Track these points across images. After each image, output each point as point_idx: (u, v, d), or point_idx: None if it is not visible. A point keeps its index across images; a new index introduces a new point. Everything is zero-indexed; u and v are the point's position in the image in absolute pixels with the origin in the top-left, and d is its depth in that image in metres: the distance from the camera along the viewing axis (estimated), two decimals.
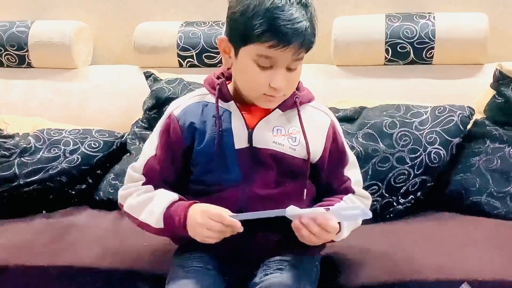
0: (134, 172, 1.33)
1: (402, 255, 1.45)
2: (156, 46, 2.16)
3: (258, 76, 1.20)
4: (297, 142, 1.28)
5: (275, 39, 1.15)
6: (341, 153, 1.35)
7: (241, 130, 1.27)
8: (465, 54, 2.04)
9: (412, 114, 1.79)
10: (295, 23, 1.15)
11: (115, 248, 1.55)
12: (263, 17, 1.15)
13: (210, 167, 1.28)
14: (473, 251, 1.46)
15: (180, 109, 1.32)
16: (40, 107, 2.18)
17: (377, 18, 2.06)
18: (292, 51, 1.17)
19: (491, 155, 1.75)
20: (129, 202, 1.31)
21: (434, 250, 1.47)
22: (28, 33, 2.20)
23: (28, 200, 1.80)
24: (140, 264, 1.47)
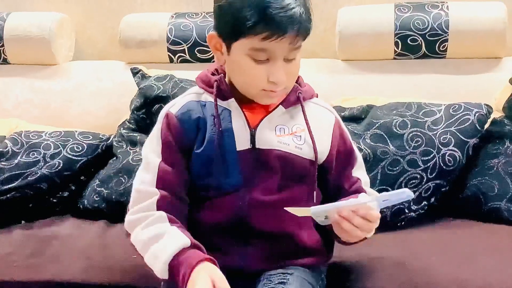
0: (144, 186, 1.26)
1: (415, 266, 1.46)
2: (144, 40, 2.16)
3: (254, 71, 1.20)
4: (302, 140, 1.28)
5: (269, 29, 1.14)
6: (349, 152, 1.35)
7: (242, 130, 1.26)
8: (481, 47, 2.05)
9: (424, 113, 1.79)
10: (288, 10, 1.14)
11: (101, 262, 1.55)
12: (253, 7, 1.14)
13: (208, 170, 1.27)
14: (492, 262, 1.47)
15: (177, 107, 1.31)
16: (17, 107, 2.18)
17: (386, 8, 2.07)
18: (288, 40, 1.16)
19: (511, 157, 1.76)
20: (136, 234, 1.23)
21: (450, 261, 1.48)
22: (3, 26, 2.20)
23: (5, 209, 1.80)
24: (129, 279, 1.48)
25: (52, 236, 1.70)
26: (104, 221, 1.78)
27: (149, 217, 1.22)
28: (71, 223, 1.80)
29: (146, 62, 2.13)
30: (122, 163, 1.86)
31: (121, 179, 1.82)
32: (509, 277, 1.39)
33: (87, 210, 1.83)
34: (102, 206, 1.81)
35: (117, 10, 2.25)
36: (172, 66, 2.16)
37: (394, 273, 1.43)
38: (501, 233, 1.63)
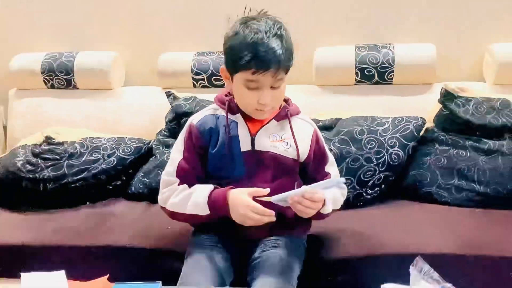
0: (168, 177, 1.30)
1: (370, 234, 1.47)
2: (175, 71, 2.15)
3: (248, 96, 1.22)
4: (289, 145, 1.30)
5: (256, 67, 1.16)
6: (322, 153, 1.37)
7: (245, 136, 1.28)
8: (418, 76, 2.04)
9: (377, 124, 1.80)
10: (270, 52, 1.16)
11: (144, 231, 1.55)
12: (246, 50, 1.16)
13: (221, 165, 1.29)
14: (425, 230, 1.48)
15: (197, 119, 1.33)
16: (84, 120, 2.17)
17: (349, 48, 2.06)
18: (271, 74, 1.17)
19: (439, 155, 1.76)
20: (171, 202, 1.27)
21: (395, 230, 1.49)
22: (73, 62, 2.19)
23: (75, 193, 1.80)
24: (163, 243, 1.48)
25: (109, 213, 1.71)
26: (146, 202, 1.78)
27: (176, 190, 1.28)
28: (123, 204, 1.80)
29: (176, 88, 2.12)
30: (159, 160, 1.86)
31: (158, 172, 1.81)
32: (437, 240, 1.41)
33: (134, 194, 1.83)
34: (145, 191, 1.81)
35: (156, 50, 2.25)
36: (195, 90, 2.15)
37: (355, 239, 1.45)
38: (432, 210, 1.64)
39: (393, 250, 1.38)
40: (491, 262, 1.35)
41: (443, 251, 1.36)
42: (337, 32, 2.17)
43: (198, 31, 2.24)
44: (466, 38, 2.11)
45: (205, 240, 1.31)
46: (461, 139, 1.77)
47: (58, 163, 1.83)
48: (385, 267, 1.33)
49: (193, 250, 1.29)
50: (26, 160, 1.83)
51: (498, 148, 1.71)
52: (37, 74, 2.20)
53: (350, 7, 2.14)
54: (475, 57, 2.12)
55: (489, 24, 2.08)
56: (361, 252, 1.38)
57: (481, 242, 1.40)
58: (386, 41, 2.12)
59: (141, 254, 1.48)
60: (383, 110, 1.94)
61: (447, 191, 1.68)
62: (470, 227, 1.49)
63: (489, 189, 1.64)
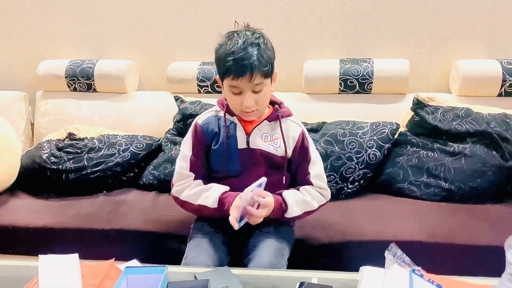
0: (183, 170, 1.29)
1: (350, 223, 1.47)
2: (182, 78, 2.14)
3: (233, 100, 1.22)
4: (278, 145, 1.28)
5: (232, 73, 1.15)
6: (305, 153, 1.32)
7: (241, 136, 1.27)
8: (393, 87, 2.04)
9: (357, 127, 1.79)
10: (244, 60, 1.14)
11: (153, 217, 1.55)
12: (224, 61, 1.16)
13: (220, 161, 1.28)
14: (398, 220, 1.48)
15: (201, 120, 1.32)
16: (101, 119, 2.16)
17: (334, 62, 2.06)
18: (247, 79, 1.15)
19: (410, 155, 1.76)
20: (186, 193, 1.27)
21: (372, 219, 1.49)
22: (94, 68, 2.18)
23: (93, 183, 1.78)
24: (170, 228, 1.48)
25: (122, 201, 1.70)
26: (155, 192, 1.77)
27: (192, 184, 1.27)
28: (135, 193, 1.79)
29: (183, 92, 2.12)
30: (167, 155, 1.85)
31: (167, 166, 1.80)
32: (409, 228, 1.42)
33: (145, 185, 1.82)
34: (154, 183, 1.80)
35: (166, 59, 2.24)
36: (200, 95, 2.14)
37: (337, 227, 1.45)
38: (404, 203, 1.64)
39: (370, 237, 1.38)
40: (455, 248, 1.35)
41: (414, 238, 1.36)
42: (324, 48, 2.17)
43: (203, 44, 2.23)
44: (435, 55, 2.12)
45: (206, 227, 1.30)
46: (430, 142, 1.77)
47: (79, 156, 1.81)
48: (363, 252, 1.34)
49: (195, 234, 1.29)
50: (50, 153, 1.81)
51: (462, 150, 1.71)
52: (62, 78, 2.19)
53: (335, 26, 2.14)
54: (443, 71, 2.13)
55: (455, 44, 2.09)
56: (342, 238, 1.38)
57: (446, 231, 1.40)
58: (367, 56, 2.12)
59: (150, 236, 1.47)
60: (363, 115, 1.94)
61: (417, 187, 1.68)
62: (436, 218, 1.49)
63: (454, 186, 1.64)
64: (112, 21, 2.27)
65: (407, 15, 2.09)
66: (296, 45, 2.16)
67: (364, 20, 2.12)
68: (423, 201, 1.63)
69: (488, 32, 2.06)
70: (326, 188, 1.33)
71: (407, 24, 2.10)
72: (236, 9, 2.15)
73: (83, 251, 1.10)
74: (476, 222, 1.45)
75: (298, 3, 2.13)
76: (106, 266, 1.01)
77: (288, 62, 2.17)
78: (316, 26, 2.15)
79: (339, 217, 1.50)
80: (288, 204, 1.23)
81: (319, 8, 2.13)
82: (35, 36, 2.33)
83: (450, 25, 2.07)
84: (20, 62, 2.36)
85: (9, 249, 1.54)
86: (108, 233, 1.50)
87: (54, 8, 2.28)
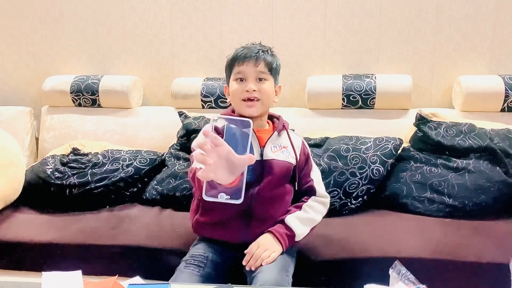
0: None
1: (354, 239, 1.46)
2: (186, 94, 2.16)
3: (238, 89, 1.25)
4: (288, 152, 1.30)
5: (239, 59, 1.24)
6: (307, 160, 1.36)
7: (256, 148, 1.26)
8: (396, 102, 2.04)
9: (360, 143, 1.79)
10: (251, 49, 1.25)
11: (156, 233, 1.54)
12: (235, 52, 1.26)
13: None
14: (402, 237, 1.47)
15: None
16: (106, 134, 2.17)
17: (337, 77, 2.07)
18: (252, 64, 1.23)
19: (414, 171, 1.75)
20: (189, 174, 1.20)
21: (376, 236, 1.48)
22: (98, 84, 2.20)
23: (97, 198, 1.78)
24: (173, 244, 1.47)
25: (126, 216, 1.69)
26: (159, 207, 1.76)
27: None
28: (138, 208, 1.78)
29: (187, 108, 2.13)
30: (171, 170, 1.85)
31: (170, 181, 1.80)
32: (412, 245, 1.40)
33: (148, 200, 1.81)
34: (157, 198, 1.79)
35: (170, 75, 2.26)
36: (203, 110, 2.15)
37: (340, 244, 1.43)
38: (407, 219, 1.63)
39: (374, 253, 1.36)
40: (459, 265, 1.33)
41: (418, 255, 1.35)
42: (327, 63, 2.19)
43: (207, 60, 2.25)
44: (438, 71, 2.13)
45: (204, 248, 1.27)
46: (433, 158, 1.77)
47: (83, 171, 1.82)
48: (367, 268, 1.32)
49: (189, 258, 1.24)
50: (55, 168, 1.82)
51: (465, 166, 1.70)
52: (67, 94, 2.21)
53: (338, 42, 2.16)
54: (446, 87, 2.13)
55: (457, 59, 2.10)
56: (346, 255, 1.37)
57: (451, 247, 1.39)
58: (369, 71, 2.14)
59: (153, 252, 1.46)
60: (366, 131, 1.95)
61: (421, 202, 1.67)
62: (440, 234, 1.48)
63: (457, 201, 1.63)
64: (117, 37, 2.29)
65: (409, 31, 2.10)
66: (299, 60, 2.18)
67: (366, 36, 2.14)
68: (427, 217, 1.62)
69: (490, 48, 2.08)
70: (327, 196, 1.36)
71: (409, 40, 2.11)
72: (240, 25, 2.18)
73: (86, 267, 1.10)
74: (481, 238, 1.44)
75: (301, 19, 2.15)
76: (110, 283, 1.01)
77: (291, 77, 2.19)
78: (319, 42, 2.17)
79: (342, 233, 1.49)
80: (293, 229, 1.23)
81: (322, 24, 2.15)
82: (41, 52, 2.36)
83: (453, 41, 2.09)
84: (26, 77, 2.38)
85: (12, 265, 1.53)
86: (111, 249, 1.49)
87: (60, 25, 2.32)
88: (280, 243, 1.22)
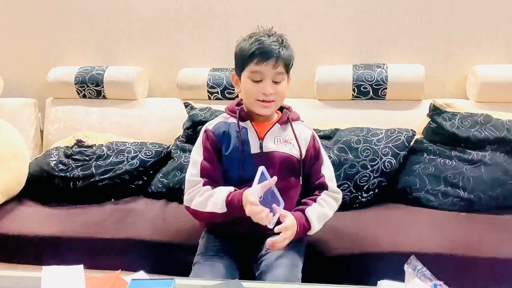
0: (193, 177, 1.24)
1: (365, 234, 1.43)
2: (192, 85, 2.13)
3: (253, 89, 1.22)
4: (292, 145, 1.27)
5: (257, 57, 1.18)
6: (317, 154, 1.32)
7: (254, 140, 1.25)
8: (408, 93, 2.00)
9: (372, 134, 1.75)
10: (271, 46, 1.19)
11: (161, 226, 1.52)
12: (248, 48, 1.20)
13: (233, 166, 1.24)
14: (415, 231, 1.43)
15: (212, 125, 1.30)
16: (111, 126, 2.14)
17: (347, 67, 2.03)
18: (271, 65, 1.18)
19: (427, 163, 1.71)
20: (196, 201, 1.21)
21: (388, 230, 1.44)
22: (103, 75, 2.17)
23: (101, 191, 1.76)
24: (179, 238, 1.45)
25: (131, 209, 1.67)
26: (164, 200, 1.74)
27: (201, 190, 1.22)
28: (143, 201, 1.76)
29: (193, 99, 2.10)
30: (177, 163, 1.82)
31: (176, 173, 1.78)
32: (426, 240, 1.37)
33: (153, 193, 1.79)
34: (163, 191, 1.77)
35: (176, 66, 2.23)
36: (210, 102, 2.12)
37: (352, 239, 1.40)
38: (420, 213, 1.59)
39: (387, 248, 1.33)
40: (476, 261, 1.30)
41: (433, 250, 1.31)
42: (336, 53, 2.14)
43: (213, 50, 2.21)
44: (452, 60, 2.07)
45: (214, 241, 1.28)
46: (447, 150, 1.72)
47: (87, 164, 1.80)
48: (380, 264, 1.29)
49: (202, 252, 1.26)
50: (59, 160, 1.80)
51: (481, 158, 1.65)
52: (71, 85, 2.19)
53: (348, 31, 2.11)
54: (460, 77, 2.08)
55: (472, 48, 2.05)
56: (358, 250, 1.33)
57: (466, 243, 1.35)
58: (380, 61, 2.09)
59: (158, 247, 1.44)
60: (377, 122, 1.90)
61: (435, 196, 1.62)
62: (455, 229, 1.44)
63: (473, 195, 1.58)
64: (121, 28, 2.26)
65: (421, 19, 2.05)
66: (308, 50, 2.14)
67: (377, 25, 2.08)
68: (441, 211, 1.58)
69: (506, 36, 2.01)
70: (339, 191, 1.32)
71: (422, 28, 2.06)
72: (247, 15, 2.14)
73: (89, 260, 1.09)
74: (498, 233, 1.40)
75: (310, 8, 2.10)
76: (112, 278, 0.98)
77: (299, 68, 2.13)
78: (328, 31, 2.12)
79: (353, 228, 1.46)
80: (311, 223, 1.20)
81: (331, 12, 2.10)
82: (45, 43, 2.33)
83: (467, 29, 2.03)
84: (30, 69, 2.37)
85: (15, 258, 1.52)
86: (115, 243, 1.47)
87: (64, 16, 2.29)
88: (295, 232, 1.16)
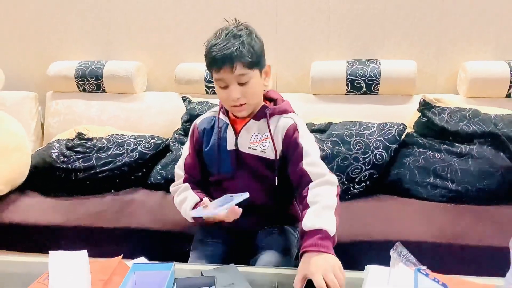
0: (178, 170, 1.29)
1: (357, 223, 1.47)
2: (190, 79, 2.15)
3: (221, 94, 1.16)
4: (266, 146, 1.18)
5: (214, 66, 1.12)
6: (295, 144, 1.16)
7: (231, 136, 1.21)
8: (400, 88, 2.03)
9: (364, 128, 1.79)
10: (223, 51, 1.10)
11: (160, 216, 1.56)
12: (207, 55, 1.14)
13: (212, 162, 1.24)
14: (404, 221, 1.48)
15: (199, 120, 1.30)
16: (110, 120, 2.17)
17: (341, 63, 2.06)
18: (228, 70, 1.10)
19: (417, 156, 1.75)
20: (175, 200, 1.27)
21: (378, 220, 1.49)
22: (103, 69, 2.20)
23: (102, 182, 1.80)
24: (177, 227, 1.48)
25: (130, 200, 1.71)
26: (163, 191, 1.78)
27: (179, 189, 1.26)
28: (143, 192, 1.80)
29: (191, 93, 2.13)
30: (175, 155, 1.86)
31: (174, 165, 1.73)
32: (415, 229, 1.41)
33: (152, 184, 1.83)
34: (162, 182, 1.81)
35: (174, 61, 2.26)
36: (207, 96, 2.15)
37: (343, 227, 1.38)
38: (410, 204, 1.63)
39: (376, 237, 1.38)
40: (461, 249, 1.35)
41: (420, 239, 1.36)
42: (331, 49, 2.17)
43: None
44: (443, 56, 2.11)
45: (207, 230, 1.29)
46: (437, 143, 1.77)
47: (88, 156, 1.83)
48: (370, 252, 1.34)
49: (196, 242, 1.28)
50: (60, 152, 1.83)
51: (469, 152, 1.70)
52: (71, 79, 2.21)
53: (342, 27, 2.14)
54: (450, 72, 2.12)
55: (463, 45, 2.09)
56: (348, 238, 1.37)
57: (452, 232, 1.40)
58: (373, 57, 2.12)
59: (157, 235, 1.48)
60: (370, 116, 1.94)
61: (424, 187, 1.67)
62: (443, 219, 1.49)
63: (460, 187, 1.63)
64: (121, 23, 2.29)
65: (414, 16, 2.08)
66: (303, 46, 2.17)
67: (371, 21, 2.12)
68: (430, 202, 1.62)
69: (496, 33, 2.05)
70: (327, 173, 1.11)
71: (414, 25, 2.09)
72: (244, 10, 2.17)
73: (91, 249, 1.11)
74: (482, 223, 1.45)
75: (305, 4, 2.13)
76: (115, 262, 1.03)
77: (295, 63, 2.17)
78: (323, 27, 2.15)
79: (345, 218, 1.42)
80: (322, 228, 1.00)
81: (326, 9, 2.13)
82: (45, 38, 2.36)
83: (458, 26, 2.07)
84: (31, 63, 2.39)
85: (19, 247, 1.56)
86: (115, 232, 1.51)
87: (64, 10, 2.31)
88: (321, 252, 0.96)
